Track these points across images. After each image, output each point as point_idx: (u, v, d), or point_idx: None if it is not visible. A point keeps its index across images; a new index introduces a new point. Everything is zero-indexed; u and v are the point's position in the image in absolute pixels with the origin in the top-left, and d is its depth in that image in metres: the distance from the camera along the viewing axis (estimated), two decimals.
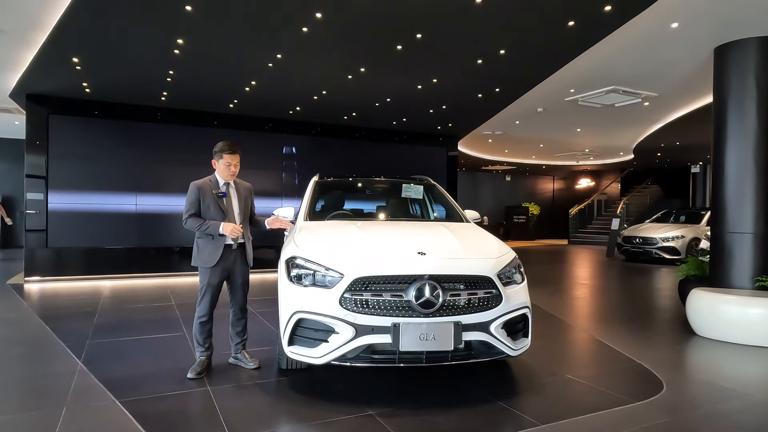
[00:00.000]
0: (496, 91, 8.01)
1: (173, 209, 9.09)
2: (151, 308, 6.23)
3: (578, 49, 6.09)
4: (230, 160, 3.74)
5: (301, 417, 2.98)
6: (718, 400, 3.34)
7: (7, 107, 9.34)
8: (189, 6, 4.91)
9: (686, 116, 9.68)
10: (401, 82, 7.52)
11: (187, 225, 3.69)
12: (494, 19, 5.26)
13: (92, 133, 8.63)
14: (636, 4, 4.88)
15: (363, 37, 5.79)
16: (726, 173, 5.57)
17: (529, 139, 13.09)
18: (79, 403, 3.16)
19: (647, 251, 12.14)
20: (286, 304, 3.28)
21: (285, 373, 3.69)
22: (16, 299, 6.68)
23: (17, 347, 4.49)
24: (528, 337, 3.47)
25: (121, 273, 8.79)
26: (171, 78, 7.26)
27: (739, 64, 5.52)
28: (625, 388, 3.50)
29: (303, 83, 7.56)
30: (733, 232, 5.47)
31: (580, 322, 5.67)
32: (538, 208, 21.28)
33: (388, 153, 11.10)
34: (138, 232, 8.97)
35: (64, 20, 5.28)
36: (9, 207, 14.11)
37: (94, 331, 4.98)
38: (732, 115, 5.55)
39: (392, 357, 3.03)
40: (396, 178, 5.26)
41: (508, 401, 3.21)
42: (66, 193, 8.47)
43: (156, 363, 4.06)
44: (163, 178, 9.12)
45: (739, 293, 4.96)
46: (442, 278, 3.11)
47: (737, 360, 4.29)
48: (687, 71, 6.93)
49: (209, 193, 3.73)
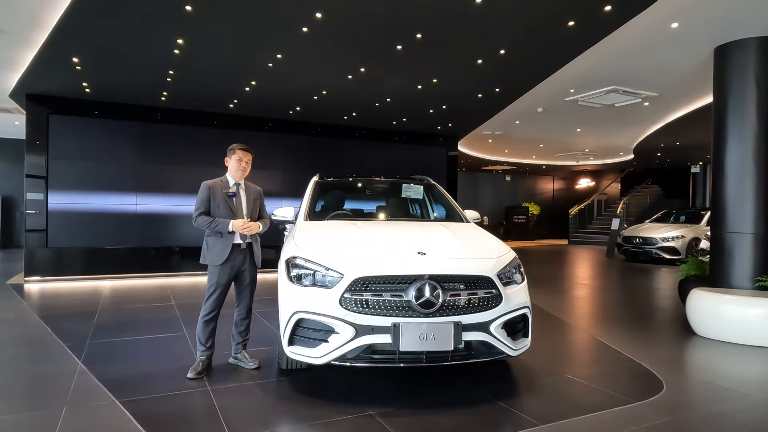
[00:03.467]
0: (496, 91, 8.01)
1: (173, 209, 9.08)
2: (151, 308, 6.23)
3: (578, 49, 6.09)
4: (242, 156, 3.84)
5: (301, 417, 2.98)
6: (718, 400, 3.34)
7: (7, 107, 9.34)
8: (189, 6, 4.91)
9: (686, 116, 9.68)
10: (401, 82, 7.52)
11: (196, 223, 3.74)
12: (494, 19, 5.26)
13: (92, 133, 8.64)
14: (636, 4, 4.88)
15: (363, 37, 5.79)
16: (726, 173, 5.57)
17: (529, 139, 13.09)
18: (79, 403, 3.16)
19: (647, 251, 12.14)
20: (286, 304, 3.28)
21: (285, 373, 3.69)
22: (16, 299, 6.68)
23: (17, 347, 4.49)
24: (528, 337, 3.47)
25: (121, 273, 8.78)
26: (171, 78, 7.26)
27: (739, 64, 5.52)
28: (625, 388, 3.50)
29: (303, 83, 7.56)
30: (733, 232, 5.47)
31: (580, 322, 5.67)
32: (538, 208, 21.28)
33: (388, 153, 11.10)
34: (138, 232, 8.97)
35: (64, 20, 5.28)
36: (9, 207, 14.11)
37: (94, 331, 4.98)
38: (732, 115, 5.55)
39: (392, 357, 3.03)
40: (396, 178, 5.26)
41: (508, 401, 3.21)
42: (66, 193, 8.48)
43: (156, 363, 4.06)
44: (163, 178, 9.11)
45: (739, 293, 4.96)
46: (442, 278, 3.11)
47: (737, 360, 4.29)
48: (687, 71, 6.93)
49: (219, 192, 3.79)
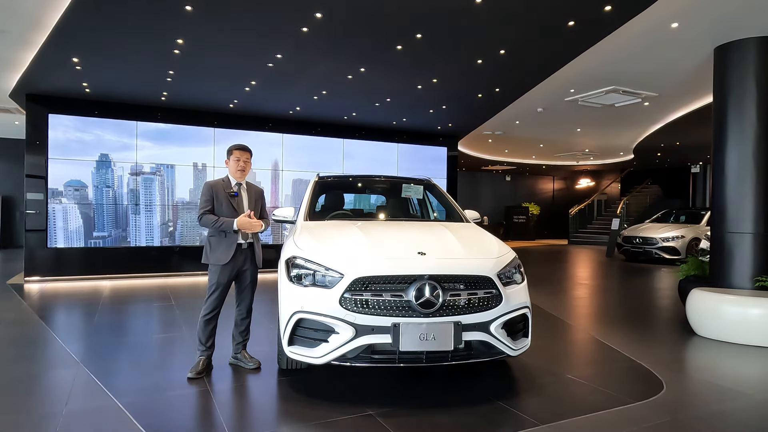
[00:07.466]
0: (496, 91, 8.01)
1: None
2: (151, 308, 6.23)
3: (578, 49, 6.09)
4: (239, 155, 3.88)
5: (301, 417, 2.98)
6: (718, 400, 3.34)
7: (7, 107, 9.33)
8: (189, 6, 4.91)
9: (686, 116, 9.68)
10: (401, 82, 7.52)
11: (202, 222, 3.77)
12: (494, 19, 5.26)
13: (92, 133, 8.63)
14: (636, 4, 4.88)
15: (363, 37, 5.79)
16: (726, 173, 5.57)
17: (529, 139, 13.09)
18: (79, 403, 3.16)
19: (647, 251, 12.14)
20: (286, 304, 3.28)
21: (285, 373, 3.69)
22: (16, 299, 6.68)
23: (17, 347, 4.49)
24: (528, 337, 3.47)
25: (121, 273, 8.79)
26: (171, 78, 7.26)
27: (739, 64, 5.52)
28: (625, 388, 3.50)
29: (303, 83, 7.56)
30: (733, 232, 5.47)
31: (580, 322, 5.67)
32: (538, 208, 21.28)
33: (389, 153, 11.10)
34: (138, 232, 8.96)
35: (64, 20, 5.28)
36: (9, 207, 14.11)
37: (94, 332, 4.98)
38: (732, 115, 5.55)
39: (392, 357, 3.03)
40: (396, 177, 5.26)
41: (508, 401, 3.21)
42: (66, 193, 8.47)
43: (156, 363, 4.07)
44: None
45: (739, 293, 4.95)
46: (442, 278, 3.11)
47: (737, 360, 4.29)
48: (687, 71, 6.93)
49: (222, 192, 3.82)
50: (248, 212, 3.77)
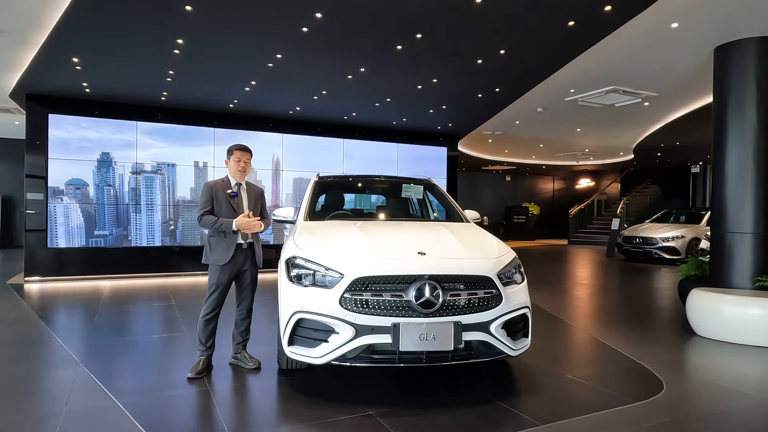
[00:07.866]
0: (496, 91, 8.01)
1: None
2: (151, 308, 6.23)
3: (578, 49, 6.09)
4: (240, 156, 3.88)
5: (301, 417, 2.98)
6: (718, 400, 3.34)
7: (7, 107, 9.33)
8: (189, 6, 4.91)
9: (686, 116, 9.68)
10: (401, 82, 7.52)
11: (201, 222, 3.77)
12: (494, 19, 5.26)
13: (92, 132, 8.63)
14: (636, 4, 4.88)
15: (363, 37, 5.79)
16: (726, 173, 5.57)
17: (529, 139, 13.09)
18: (79, 403, 3.16)
19: (647, 251, 12.14)
20: (286, 304, 3.28)
21: (285, 373, 3.69)
22: (16, 299, 6.68)
23: (17, 347, 4.49)
24: (528, 337, 3.47)
25: (121, 273, 8.79)
26: (171, 78, 7.26)
27: (739, 64, 5.52)
28: (625, 388, 3.50)
29: (303, 83, 7.56)
30: (733, 232, 5.47)
31: (580, 322, 5.67)
32: (538, 208, 21.27)
33: (389, 152, 11.10)
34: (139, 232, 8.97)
35: (64, 20, 5.28)
36: (9, 207, 14.11)
37: (94, 331, 4.98)
38: (732, 115, 5.55)
39: (392, 357, 3.03)
40: (396, 177, 5.26)
41: (508, 401, 3.21)
42: (66, 193, 8.47)
43: (156, 363, 4.07)
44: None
45: (739, 293, 4.95)
46: (442, 278, 3.11)
47: (737, 360, 4.29)
48: (687, 71, 6.93)
49: (221, 192, 3.82)
50: (247, 212, 3.77)
